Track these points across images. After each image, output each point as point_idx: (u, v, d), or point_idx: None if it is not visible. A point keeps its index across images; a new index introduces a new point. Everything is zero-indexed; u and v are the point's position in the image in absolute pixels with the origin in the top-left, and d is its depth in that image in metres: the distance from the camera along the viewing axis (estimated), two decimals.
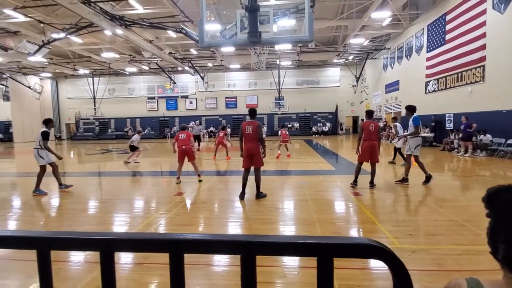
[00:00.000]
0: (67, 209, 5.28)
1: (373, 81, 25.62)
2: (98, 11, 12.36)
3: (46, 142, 6.29)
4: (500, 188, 0.76)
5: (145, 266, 2.97)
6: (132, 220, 4.61)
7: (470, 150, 11.16)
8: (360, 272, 2.68)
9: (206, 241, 0.80)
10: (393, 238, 3.50)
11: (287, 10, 6.20)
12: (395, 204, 4.99)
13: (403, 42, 18.99)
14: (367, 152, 6.03)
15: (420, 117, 16.20)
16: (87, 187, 7.22)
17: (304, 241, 0.76)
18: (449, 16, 13.79)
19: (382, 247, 0.71)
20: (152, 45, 18.54)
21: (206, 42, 5.46)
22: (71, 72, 26.95)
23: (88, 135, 30.95)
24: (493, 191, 0.76)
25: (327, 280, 0.73)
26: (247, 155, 5.41)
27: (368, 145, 6.02)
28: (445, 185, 6.75)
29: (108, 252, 0.79)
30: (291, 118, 29.55)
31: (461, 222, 3.98)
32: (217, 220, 4.52)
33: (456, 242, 3.37)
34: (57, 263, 2.97)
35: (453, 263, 2.90)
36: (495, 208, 0.75)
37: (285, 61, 25.55)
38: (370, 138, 6.04)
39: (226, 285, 2.62)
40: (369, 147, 6.00)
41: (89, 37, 17.09)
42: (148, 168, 10.48)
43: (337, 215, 4.70)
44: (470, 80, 12.58)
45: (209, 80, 28.90)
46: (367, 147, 6.01)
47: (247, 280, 0.75)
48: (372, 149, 5.97)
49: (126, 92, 31.27)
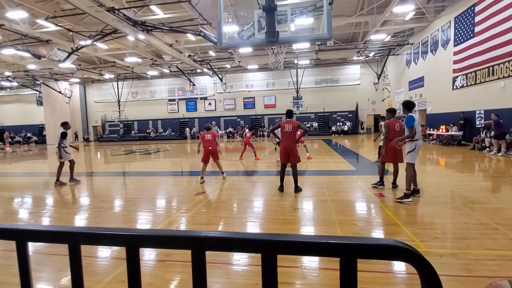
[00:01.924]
0: (94, 207, 5.54)
1: (396, 78, 24.73)
2: (121, 18, 12.88)
3: (61, 140, 7.46)
4: None
5: (167, 263, 3.06)
6: (155, 218, 4.76)
7: (503, 149, 10.47)
8: (383, 275, 2.59)
9: (228, 239, 0.81)
10: (418, 241, 3.36)
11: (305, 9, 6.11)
12: (420, 206, 4.78)
13: (427, 36, 18.18)
14: (391, 153, 5.80)
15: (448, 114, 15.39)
16: (113, 186, 7.54)
17: (326, 241, 0.74)
18: (478, 7, 13.03)
19: (410, 249, 0.68)
20: (172, 49, 19.04)
21: (224, 43, 5.53)
22: (97, 77, 28.28)
23: (113, 136, 32.31)
24: None
25: (351, 282, 0.71)
26: (284, 153, 5.80)
27: (393, 146, 5.78)
28: (476, 186, 6.38)
29: (133, 248, 0.83)
30: (310, 117, 29.19)
31: (494, 225, 3.75)
32: (237, 220, 4.56)
33: (488, 247, 3.18)
34: (86, 259, 3.11)
35: (484, 269, 2.73)
36: None
37: (303, 60, 25.28)
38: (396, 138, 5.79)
39: (246, 284, 2.64)
40: (393, 148, 5.75)
41: (113, 43, 17.89)
42: (169, 168, 10.76)
43: (358, 216, 4.58)
44: (502, 74, 11.81)
45: (227, 81, 29.21)
46: (392, 148, 5.77)
47: (268, 279, 0.75)
48: (396, 150, 5.72)
49: (148, 95, 32.33)
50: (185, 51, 20.87)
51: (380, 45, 22.50)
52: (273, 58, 18.69)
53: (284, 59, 20.91)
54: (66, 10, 13.65)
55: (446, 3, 15.98)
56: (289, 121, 5.87)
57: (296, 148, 5.85)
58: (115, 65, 23.96)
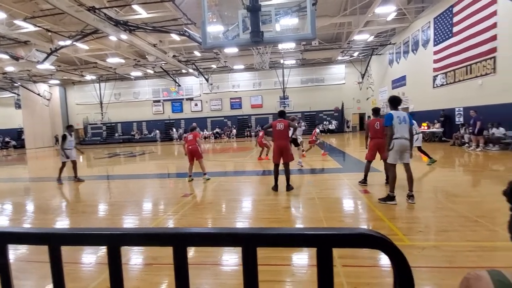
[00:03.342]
0: (77, 212, 5.36)
1: (379, 77, 25.32)
2: (103, 18, 12.55)
3: (62, 142, 8.15)
4: None
5: (154, 266, 3.00)
6: (141, 221, 4.66)
7: (481, 144, 10.92)
8: (368, 269, 2.64)
9: (208, 234, 0.82)
10: (402, 235, 3.45)
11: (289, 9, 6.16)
12: (404, 201, 4.91)
13: (409, 36, 18.72)
14: (374, 151, 5.95)
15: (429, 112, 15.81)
16: (96, 190, 7.34)
17: (303, 232, 0.77)
18: (456, 7, 13.53)
19: (382, 237, 0.71)
20: (156, 49, 18.73)
21: (209, 43, 5.49)
22: (78, 78, 27.47)
23: (96, 139, 31.43)
24: None
25: (327, 271, 0.73)
26: (278, 151, 5.82)
27: (374, 143, 5.93)
28: (457, 180, 6.62)
29: (114, 246, 0.83)
30: (297, 117, 29.42)
31: (474, 218, 3.89)
32: (225, 221, 4.53)
33: (469, 239, 3.29)
34: (70, 265, 3.03)
35: (465, 260, 2.83)
36: None
37: (289, 60, 25.48)
38: (377, 136, 5.94)
39: (235, 284, 2.62)
40: (375, 145, 5.90)
41: (94, 43, 17.40)
42: (155, 170, 10.58)
43: (345, 213, 4.66)
44: (480, 72, 12.31)
45: (214, 82, 29.04)
46: (374, 145, 5.92)
47: (248, 271, 0.76)
48: (379, 147, 5.86)
49: (131, 96, 31.65)
50: (170, 51, 20.58)
51: (363, 45, 22.99)
52: (259, 58, 18.74)
53: (270, 59, 21.02)
54: (45, 10, 13.17)
55: (426, 4, 16.52)
56: (281, 120, 5.96)
57: (289, 146, 5.90)
58: (96, 66, 23.32)
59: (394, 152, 4.71)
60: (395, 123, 4.68)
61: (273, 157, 5.98)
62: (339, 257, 2.87)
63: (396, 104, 4.88)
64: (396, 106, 4.87)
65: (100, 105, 30.54)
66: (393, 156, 4.73)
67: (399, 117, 4.71)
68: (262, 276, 2.60)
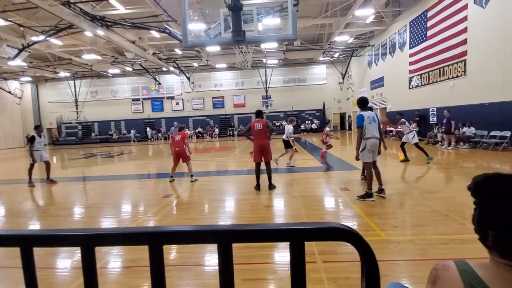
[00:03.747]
0: (51, 215, 5.12)
1: (359, 78, 26.05)
2: (78, 12, 12.03)
3: (30, 145, 7.74)
4: (487, 176, 0.78)
5: (133, 269, 2.92)
6: (120, 223, 4.52)
7: (453, 143, 11.51)
8: (348, 264, 2.72)
9: (184, 231, 0.82)
10: (379, 230, 3.57)
11: (271, 9, 6.18)
12: (382, 198, 5.09)
13: (386, 39, 19.38)
14: None
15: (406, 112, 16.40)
16: (71, 193, 7.04)
17: (277, 227, 0.80)
18: (430, 12, 14.17)
19: (351, 231, 0.74)
20: (135, 46, 18.21)
21: (190, 41, 5.41)
22: (51, 75, 26.18)
23: (71, 139, 30.09)
24: (480, 179, 0.79)
25: (299, 264, 0.76)
26: (258, 151, 5.88)
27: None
28: (430, 177, 6.94)
29: (88, 247, 0.81)
30: (279, 116, 29.70)
31: (445, 212, 4.10)
32: (207, 221, 4.49)
33: (441, 232, 3.47)
34: (44, 270, 2.91)
35: (437, 252, 2.98)
36: (483, 195, 0.78)
37: (271, 59, 25.63)
38: None
39: (215, 284, 2.61)
40: None
41: (69, 38, 16.63)
42: (134, 171, 10.30)
43: (325, 211, 4.75)
44: (452, 74, 12.97)
45: (195, 80, 28.67)
46: None
47: (224, 267, 0.78)
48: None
49: (109, 94, 30.58)
50: (149, 49, 20.07)
51: (344, 47, 23.55)
52: (241, 57, 18.70)
53: (253, 59, 21.05)
54: (17, 4, 12.45)
55: (402, 8, 17.17)
56: (259, 120, 6.01)
57: (269, 145, 5.95)
58: (71, 63, 22.33)
59: (367, 151, 4.89)
60: (366, 123, 4.84)
61: (254, 156, 6.04)
62: (320, 253, 2.94)
63: (365, 105, 5.05)
64: (365, 107, 5.04)
65: (75, 104, 29.25)
66: (367, 155, 4.91)
67: (369, 117, 4.88)
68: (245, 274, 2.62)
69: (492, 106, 10.71)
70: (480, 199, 0.79)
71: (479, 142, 10.79)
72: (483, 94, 11.05)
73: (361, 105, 5.04)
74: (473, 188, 0.80)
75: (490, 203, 0.76)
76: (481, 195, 0.79)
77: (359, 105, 5.07)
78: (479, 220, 0.79)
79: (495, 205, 0.75)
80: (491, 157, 8.94)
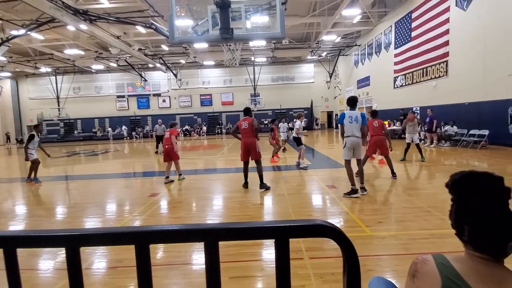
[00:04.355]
0: (33, 216, 4.96)
1: (346, 77, 26.43)
2: (60, 6, 11.60)
3: (27, 142, 7.78)
4: (464, 173, 0.82)
5: (119, 269, 2.88)
6: (104, 223, 4.43)
7: (435, 141, 11.89)
8: (334, 260, 2.77)
9: (170, 231, 0.82)
10: (364, 226, 3.66)
11: (260, 7, 6.18)
12: (367, 195, 5.21)
13: (372, 39, 19.74)
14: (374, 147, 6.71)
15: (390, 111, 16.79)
16: (54, 192, 6.83)
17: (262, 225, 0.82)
18: (414, 13, 14.52)
19: (333, 227, 0.77)
20: (120, 41, 17.77)
21: (176, 38, 5.34)
22: (32, 70, 25.19)
23: (53, 137, 29.08)
24: (458, 177, 0.82)
25: (284, 260, 0.78)
26: (244, 150, 5.83)
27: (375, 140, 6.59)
28: (413, 174, 7.16)
29: (73, 248, 0.79)
30: (267, 114, 29.77)
31: (427, 208, 4.24)
32: (195, 219, 4.46)
33: (422, 227, 3.59)
34: (26, 271, 2.81)
35: (419, 246, 3.09)
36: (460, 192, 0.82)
37: (259, 57, 25.61)
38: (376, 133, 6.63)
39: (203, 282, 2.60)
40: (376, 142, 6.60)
41: (51, 33, 16.03)
42: (119, 169, 10.09)
43: (313, 208, 4.82)
44: (434, 75, 13.37)
45: (183, 78, 28.30)
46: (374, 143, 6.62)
47: (211, 265, 0.78)
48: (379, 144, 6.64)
49: (93, 91, 29.73)
50: (135, 44, 19.65)
51: (331, 46, 23.82)
52: (229, 55, 18.57)
53: (241, 56, 20.94)
54: None
55: (388, 9, 17.53)
56: (245, 118, 5.94)
57: (256, 144, 5.85)
58: (53, 58, 21.56)
59: (347, 149, 5.05)
60: (346, 122, 5.02)
61: (241, 155, 5.98)
62: (307, 250, 2.98)
63: (354, 104, 5.16)
64: (354, 106, 5.15)
65: (57, 100, 28.27)
66: (346, 153, 5.07)
67: (351, 116, 5.01)
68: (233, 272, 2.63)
69: (472, 106, 11.13)
70: (457, 196, 0.83)
71: (459, 140, 11.19)
72: (464, 94, 11.46)
73: (350, 103, 5.16)
74: (450, 186, 0.84)
75: (466, 200, 0.80)
76: (458, 192, 0.83)
77: (347, 103, 5.18)
78: (456, 216, 0.82)
79: (471, 202, 0.79)
80: (470, 155, 9.30)
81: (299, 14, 16.79)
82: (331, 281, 2.47)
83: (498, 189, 0.77)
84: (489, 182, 0.78)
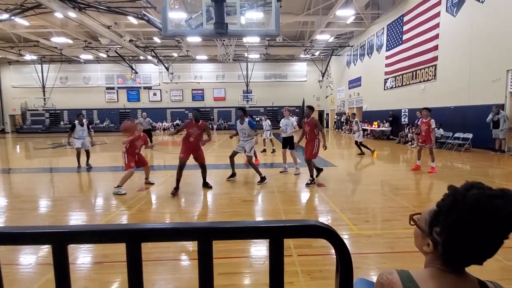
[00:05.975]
0: (14, 208, 4.80)
1: (338, 76, 26.66)
2: None
3: (70, 132, 8.24)
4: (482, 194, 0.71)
5: (105, 265, 2.83)
6: (90, 218, 4.34)
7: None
8: (321, 257, 2.81)
9: (163, 229, 0.81)
10: (352, 225, 3.72)
11: (255, 3, 6.14)
12: (355, 194, 5.31)
13: (365, 40, 19.95)
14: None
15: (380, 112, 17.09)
16: (37, 185, 6.63)
17: (257, 225, 0.82)
18: (406, 17, 14.75)
19: (327, 228, 0.78)
20: (111, 31, 17.32)
21: (169, 31, 5.24)
22: (15, 57, 24.27)
23: (37, 127, 28.23)
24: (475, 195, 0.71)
25: (278, 260, 0.78)
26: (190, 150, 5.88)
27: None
28: (400, 175, 7.31)
29: (61, 245, 0.76)
30: (259, 111, 29.72)
31: (412, 208, 4.35)
32: (184, 215, 4.43)
33: (408, 226, 3.64)
34: (6, 267, 2.72)
35: (404, 245, 3.16)
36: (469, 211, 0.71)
37: (253, 54, 25.50)
38: None
39: (191, 278, 2.60)
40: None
41: (37, 19, 15.45)
42: (107, 163, 9.90)
43: (302, 206, 4.87)
44: (423, 78, 13.65)
45: (175, 71, 27.90)
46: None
47: (204, 264, 0.78)
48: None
49: (81, 81, 28.96)
50: (126, 35, 19.20)
51: (324, 45, 23.95)
52: (223, 50, 18.42)
53: (234, 52, 20.80)
54: None
55: (381, 11, 17.73)
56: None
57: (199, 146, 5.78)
58: (38, 45, 20.82)
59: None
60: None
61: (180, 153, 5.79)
62: (295, 247, 3.01)
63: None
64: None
65: (42, 89, 27.38)
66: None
67: None
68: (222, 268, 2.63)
69: (457, 110, 11.44)
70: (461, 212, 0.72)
71: (445, 143, 11.49)
72: (451, 97, 11.75)
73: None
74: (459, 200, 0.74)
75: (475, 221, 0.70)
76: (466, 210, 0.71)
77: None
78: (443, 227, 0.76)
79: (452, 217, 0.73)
80: (454, 157, 9.57)
81: (294, 12, 16.78)
82: (318, 278, 2.51)
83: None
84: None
